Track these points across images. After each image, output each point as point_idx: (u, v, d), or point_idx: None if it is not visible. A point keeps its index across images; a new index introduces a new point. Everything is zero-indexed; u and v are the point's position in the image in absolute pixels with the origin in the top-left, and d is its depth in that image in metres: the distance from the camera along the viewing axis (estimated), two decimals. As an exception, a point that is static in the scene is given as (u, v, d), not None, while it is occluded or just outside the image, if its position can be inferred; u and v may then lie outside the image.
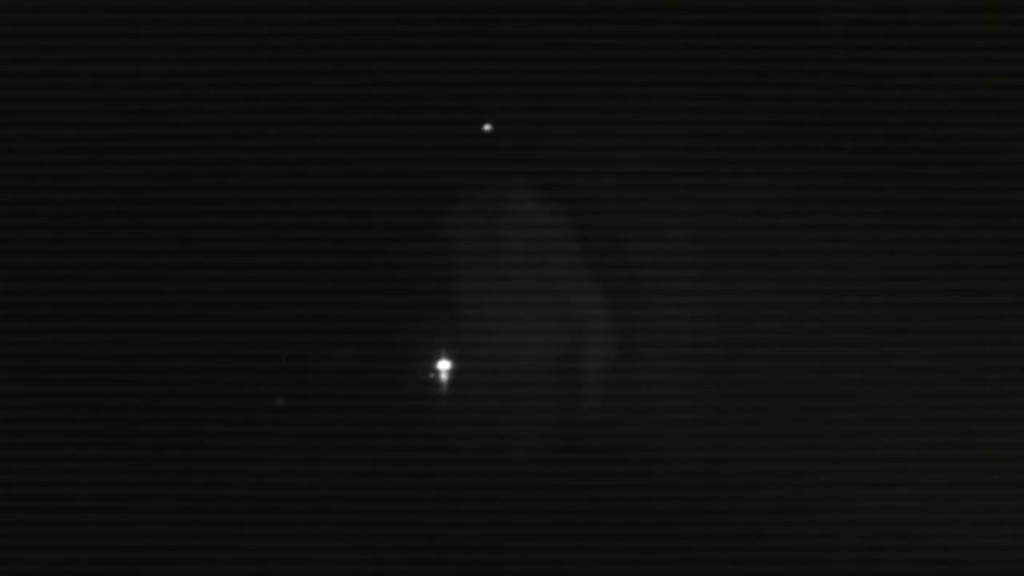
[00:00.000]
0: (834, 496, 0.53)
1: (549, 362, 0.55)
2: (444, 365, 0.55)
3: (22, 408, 0.53)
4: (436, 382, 0.55)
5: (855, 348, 0.54)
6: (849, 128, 0.53)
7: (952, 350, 0.53)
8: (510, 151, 0.56)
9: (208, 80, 0.53)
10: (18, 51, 0.52)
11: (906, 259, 0.54)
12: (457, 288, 0.55)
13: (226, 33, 0.52)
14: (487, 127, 0.55)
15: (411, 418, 0.55)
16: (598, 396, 0.55)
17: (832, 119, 0.53)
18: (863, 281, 0.54)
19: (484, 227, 0.56)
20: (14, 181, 0.53)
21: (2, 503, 0.52)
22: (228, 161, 0.54)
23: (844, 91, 0.53)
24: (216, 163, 0.54)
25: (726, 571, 0.53)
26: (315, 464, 0.54)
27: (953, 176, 0.53)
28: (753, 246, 0.54)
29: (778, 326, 0.54)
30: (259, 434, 0.54)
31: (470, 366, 0.55)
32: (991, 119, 0.52)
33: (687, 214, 0.55)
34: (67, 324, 0.53)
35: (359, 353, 0.55)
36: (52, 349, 0.53)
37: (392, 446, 0.54)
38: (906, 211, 0.54)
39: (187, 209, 0.54)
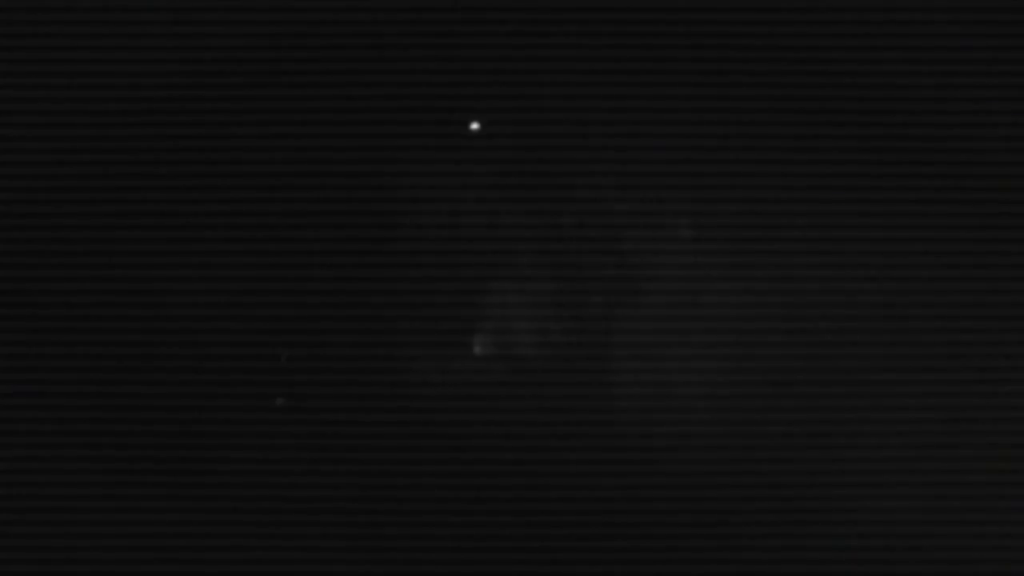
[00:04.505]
0: (836, 497, 0.53)
1: (551, 360, 0.55)
2: (445, 363, 0.55)
3: (19, 408, 0.53)
4: (438, 380, 0.55)
5: (856, 348, 0.54)
6: (854, 128, 0.53)
7: (954, 350, 0.53)
8: (508, 150, 0.55)
9: (204, 80, 0.53)
10: (17, 51, 0.52)
11: (909, 259, 0.54)
12: (458, 287, 0.55)
13: (224, 32, 0.52)
14: (475, 125, 0.55)
15: (412, 418, 0.55)
16: (597, 395, 0.55)
17: (837, 119, 0.53)
18: (867, 281, 0.54)
19: (483, 226, 0.56)
20: (13, 181, 0.52)
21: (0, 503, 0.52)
22: (226, 161, 0.54)
23: (849, 90, 0.53)
24: (213, 163, 0.54)
25: (728, 571, 0.53)
26: (316, 464, 0.54)
27: (957, 176, 0.53)
28: (756, 246, 0.54)
29: (780, 326, 0.54)
30: (259, 434, 0.54)
31: (472, 365, 0.55)
32: (996, 119, 0.52)
33: (688, 214, 0.55)
34: (64, 324, 0.53)
35: (356, 353, 0.55)
36: (49, 349, 0.53)
37: (395, 446, 0.54)
38: (909, 211, 0.53)
39: (184, 208, 0.54)
